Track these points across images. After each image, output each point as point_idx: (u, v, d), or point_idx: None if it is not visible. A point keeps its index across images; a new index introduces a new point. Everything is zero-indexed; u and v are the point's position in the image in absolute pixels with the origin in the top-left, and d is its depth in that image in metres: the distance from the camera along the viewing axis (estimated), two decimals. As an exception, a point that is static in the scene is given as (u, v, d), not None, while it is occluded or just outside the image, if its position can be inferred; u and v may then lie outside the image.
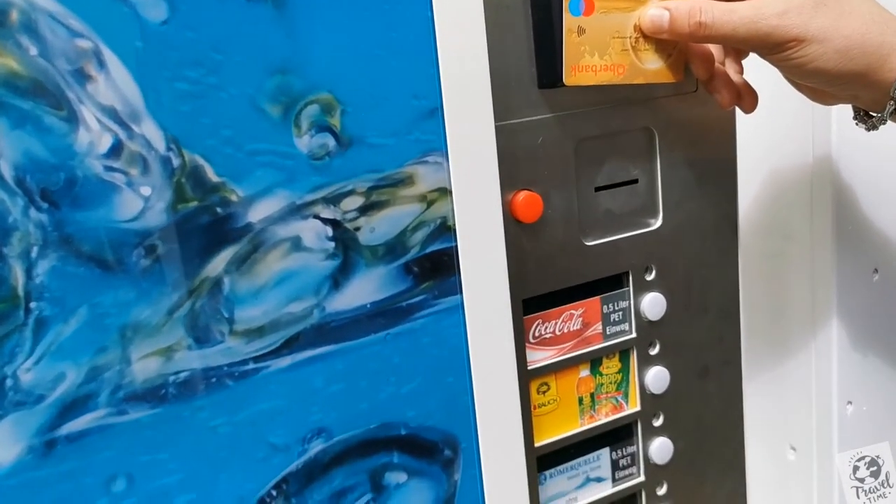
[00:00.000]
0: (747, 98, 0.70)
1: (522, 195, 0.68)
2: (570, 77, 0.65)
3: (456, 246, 0.59)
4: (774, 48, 0.63)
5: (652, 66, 0.68)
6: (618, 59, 0.66)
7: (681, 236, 0.77)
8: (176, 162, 0.47)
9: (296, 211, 0.52)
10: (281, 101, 0.51)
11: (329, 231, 0.53)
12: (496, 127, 0.62)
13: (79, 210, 0.45)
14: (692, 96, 0.75)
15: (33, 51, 0.43)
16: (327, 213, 0.53)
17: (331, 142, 0.53)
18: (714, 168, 0.78)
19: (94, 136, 0.45)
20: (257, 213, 0.51)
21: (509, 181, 0.68)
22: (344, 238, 0.54)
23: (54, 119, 0.44)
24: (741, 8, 0.63)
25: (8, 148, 0.43)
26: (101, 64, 0.45)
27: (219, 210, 0.49)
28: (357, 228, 0.55)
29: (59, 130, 0.44)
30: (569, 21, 0.64)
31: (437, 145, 0.58)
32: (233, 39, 0.49)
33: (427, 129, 0.57)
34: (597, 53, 0.65)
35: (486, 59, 0.61)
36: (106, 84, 0.45)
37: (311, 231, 0.53)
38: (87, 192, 0.45)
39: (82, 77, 0.44)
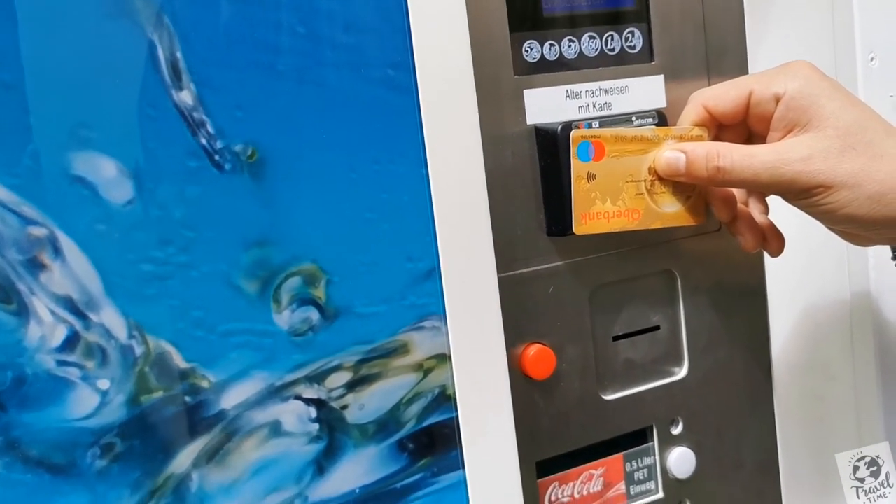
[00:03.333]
0: (773, 241, 0.65)
1: (533, 350, 0.63)
2: (581, 226, 0.61)
3: (457, 417, 0.54)
4: (800, 194, 0.58)
5: (669, 210, 0.63)
6: (632, 204, 0.62)
7: (709, 384, 0.71)
8: (139, 350, 0.44)
9: (275, 393, 0.48)
10: (258, 276, 0.47)
11: (312, 412, 0.49)
12: (502, 278, 0.58)
13: (27, 411, 0.41)
14: (715, 235, 0.71)
15: (-19, 243, 0.40)
16: (310, 392, 0.49)
17: (314, 315, 0.49)
18: (742, 309, 0.73)
19: (46, 329, 0.41)
20: (231, 399, 0.46)
21: (518, 335, 0.63)
22: (329, 418, 0.49)
23: (2, 314, 0.40)
24: (762, 152, 0.58)
25: (-50, 349, 0.39)
26: (57, 251, 0.42)
27: (187, 399, 0.45)
28: (344, 407, 0.50)
29: (7, 326, 0.40)
30: (578, 167, 0.60)
31: (434, 309, 0.53)
32: (205, 214, 0.45)
33: (423, 292, 0.53)
34: (609, 199, 0.61)
35: (488, 211, 0.57)
36: (61, 272, 0.42)
37: (293, 414, 0.48)
38: (36, 391, 0.41)
39: (35, 267, 0.41)
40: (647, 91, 0.68)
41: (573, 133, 0.60)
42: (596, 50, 0.66)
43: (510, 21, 0.63)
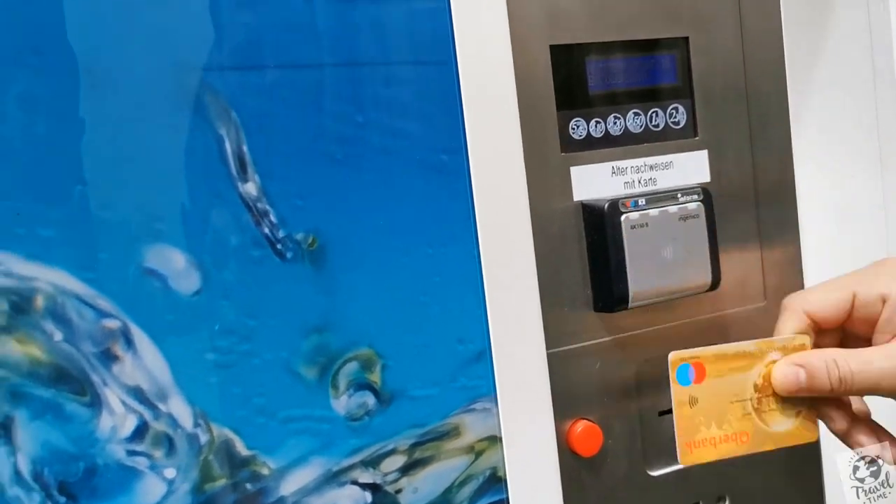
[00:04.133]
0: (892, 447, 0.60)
1: (580, 426, 0.63)
2: (687, 455, 0.57)
3: (507, 498, 0.54)
4: None
5: (780, 428, 0.58)
6: (739, 427, 0.57)
7: (756, 462, 0.71)
8: (204, 438, 0.44)
9: (332, 478, 0.48)
10: (317, 362, 0.48)
11: (368, 497, 0.49)
12: (550, 354, 0.59)
13: (97, 501, 0.42)
14: (762, 308, 0.71)
15: (58, 336, 0.41)
16: (366, 477, 0.49)
17: (370, 399, 0.50)
18: (789, 383, 0.72)
19: (117, 419, 0.42)
20: (290, 486, 0.47)
21: (565, 411, 0.63)
22: (384, 503, 0.50)
23: (76, 406, 0.42)
24: (877, 358, 0.56)
25: (27, 440, 0.40)
26: (129, 343, 0.43)
27: (248, 486, 0.46)
28: (398, 490, 0.50)
29: (81, 417, 0.42)
30: (679, 392, 0.56)
31: (484, 390, 0.54)
32: (268, 303, 0.47)
33: (473, 374, 0.54)
34: (714, 423, 0.57)
35: (537, 290, 0.58)
36: (133, 363, 0.43)
37: (349, 499, 0.49)
38: (106, 482, 0.42)
39: (108, 358, 0.42)
40: (691, 166, 0.69)
41: (671, 356, 0.57)
42: (641, 126, 0.67)
43: (557, 99, 0.64)
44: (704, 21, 0.69)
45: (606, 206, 0.63)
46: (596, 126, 0.66)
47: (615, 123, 0.67)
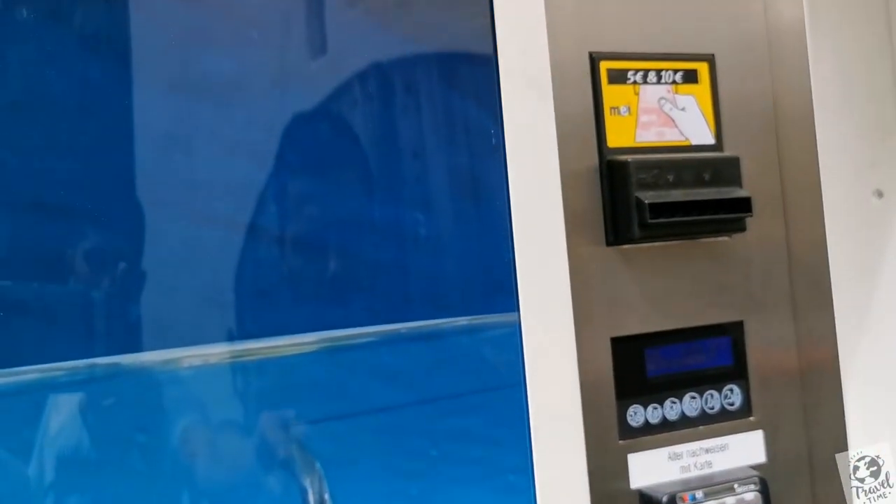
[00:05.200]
0: None
1: None
2: None
3: None
4: None
5: None
6: None
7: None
8: None
9: None
10: None
11: None
12: None
13: None
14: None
15: None
16: None
17: None
18: None
19: None
20: None
21: None
22: None
23: None
24: None
25: None
26: None
27: None
28: None
29: None
30: None
31: None
32: None
33: None
34: None
35: None
36: None
37: None
38: None
39: None
40: (746, 447, 0.70)
41: None
42: (697, 409, 0.69)
43: (616, 388, 0.66)
44: (759, 305, 0.71)
45: (664, 499, 0.64)
46: (653, 412, 0.68)
47: (671, 408, 0.68)
